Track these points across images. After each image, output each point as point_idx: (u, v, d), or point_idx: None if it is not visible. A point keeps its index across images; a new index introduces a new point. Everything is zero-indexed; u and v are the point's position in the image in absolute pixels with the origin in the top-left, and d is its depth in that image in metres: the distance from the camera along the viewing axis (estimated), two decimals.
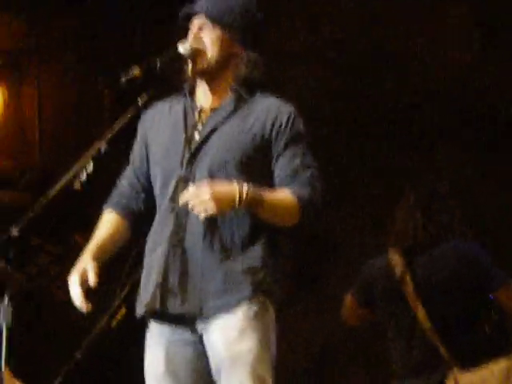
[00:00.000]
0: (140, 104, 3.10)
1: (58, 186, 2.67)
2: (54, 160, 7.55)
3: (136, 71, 3.05)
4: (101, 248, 3.31)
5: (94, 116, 7.56)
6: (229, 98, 3.13)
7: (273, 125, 3.06)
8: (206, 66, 3.09)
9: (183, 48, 3.10)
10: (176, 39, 3.12)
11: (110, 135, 2.91)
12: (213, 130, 3.09)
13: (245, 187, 2.91)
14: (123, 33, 7.31)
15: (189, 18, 3.16)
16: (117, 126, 2.99)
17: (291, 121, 3.07)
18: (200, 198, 2.84)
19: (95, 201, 7.51)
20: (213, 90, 3.15)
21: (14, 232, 2.44)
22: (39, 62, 7.81)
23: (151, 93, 3.08)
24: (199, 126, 3.12)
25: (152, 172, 3.23)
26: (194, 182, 3.04)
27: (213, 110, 3.14)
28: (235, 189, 2.90)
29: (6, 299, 2.39)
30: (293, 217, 3.01)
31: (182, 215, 3.07)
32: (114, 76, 3.23)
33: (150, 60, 3.05)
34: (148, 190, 3.26)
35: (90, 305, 3.08)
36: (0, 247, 2.41)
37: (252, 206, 2.92)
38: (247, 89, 3.12)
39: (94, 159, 2.79)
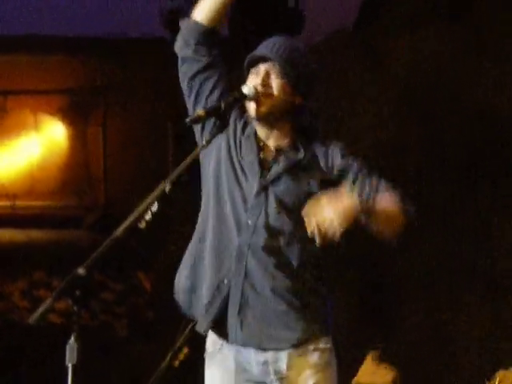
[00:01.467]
0: (204, 143, 3.13)
1: (123, 226, 2.69)
2: (118, 198, 7.64)
3: (200, 112, 3.08)
4: None
5: (158, 155, 7.65)
6: (294, 141, 3.18)
7: (331, 162, 3.13)
8: (270, 110, 3.14)
9: (248, 89, 3.13)
10: (241, 83, 3.15)
11: (174, 176, 2.93)
12: (279, 175, 3.13)
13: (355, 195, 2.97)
14: None
15: (252, 62, 3.20)
16: (182, 166, 3.02)
17: (341, 150, 3.16)
18: (323, 214, 2.84)
19: (158, 240, 7.60)
20: (271, 134, 3.20)
21: (81, 272, 2.46)
22: (104, 102, 7.96)
23: (214, 133, 3.11)
24: (267, 163, 3.16)
25: (217, 185, 3.23)
26: (258, 217, 3.10)
27: (278, 149, 3.19)
28: (351, 199, 2.91)
29: (72, 339, 2.41)
30: (397, 218, 3.00)
31: (244, 245, 3.12)
32: (178, 116, 3.27)
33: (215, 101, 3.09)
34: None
35: None
36: (66, 287, 2.43)
37: (366, 212, 2.92)
38: (306, 135, 3.20)
39: (159, 199, 2.82)
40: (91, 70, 8.22)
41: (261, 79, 3.16)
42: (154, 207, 2.77)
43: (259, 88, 3.16)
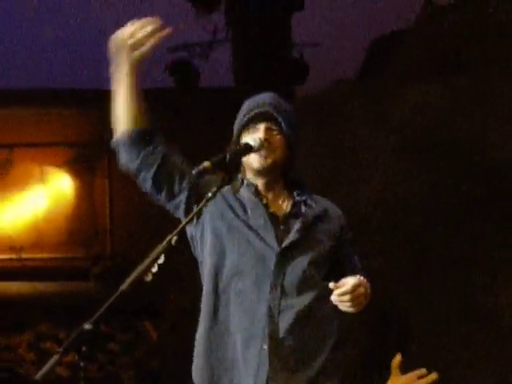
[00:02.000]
0: (209, 197, 3.15)
1: (130, 279, 2.70)
2: (125, 249, 7.66)
3: (206, 164, 3.10)
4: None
5: (164, 207, 7.67)
6: (298, 197, 3.25)
7: (340, 231, 3.23)
8: (274, 164, 3.20)
9: (253, 141, 3.16)
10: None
11: (180, 227, 2.94)
12: (306, 228, 3.18)
13: (366, 283, 3.12)
14: (196, 127, 7.47)
15: (249, 119, 3.26)
16: (188, 219, 3.04)
17: (347, 226, 3.29)
18: (356, 295, 3.02)
19: (164, 290, 7.59)
20: (271, 185, 3.25)
21: (87, 327, 2.46)
22: (110, 154, 8.00)
23: (220, 185, 3.13)
24: (280, 219, 3.20)
25: (216, 258, 3.21)
26: (284, 276, 3.12)
27: (287, 208, 3.23)
28: (367, 285, 3.09)
29: None
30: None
31: (275, 311, 3.13)
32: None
33: (221, 153, 3.11)
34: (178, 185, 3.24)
35: None
36: (73, 343, 2.43)
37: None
38: (300, 189, 3.28)
39: (165, 251, 2.83)
40: (96, 121, 8.29)
41: (264, 135, 3.20)
42: (161, 260, 2.78)
43: (266, 145, 3.19)
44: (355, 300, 3.03)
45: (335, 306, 3.10)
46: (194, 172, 3.11)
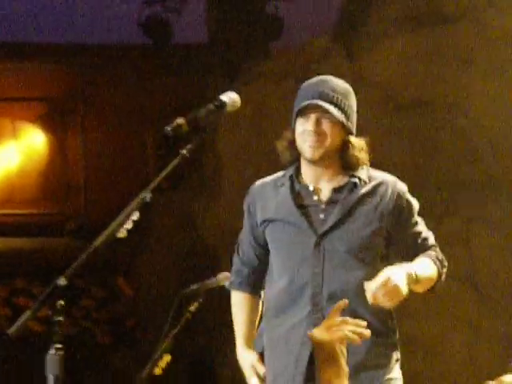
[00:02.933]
0: (184, 153, 3.13)
1: (104, 235, 2.69)
2: (98, 206, 7.64)
3: (180, 120, 3.08)
4: (249, 336, 3.46)
5: (138, 163, 7.65)
6: (348, 180, 3.31)
7: (394, 210, 3.28)
8: (325, 153, 3.27)
9: (227, 97, 3.15)
10: (217, 92, 3.16)
11: (154, 184, 2.93)
12: (347, 213, 3.26)
13: (411, 270, 3.15)
14: (169, 83, 7.42)
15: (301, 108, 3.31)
16: (161, 176, 3.02)
17: (407, 202, 3.32)
18: (388, 288, 3.06)
19: (137, 246, 7.59)
20: (323, 172, 3.33)
21: (62, 281, 2.46)
22: (84, 110, 7.95)
23: (195, 143, 3.11)
24: (322, 206, 3.29)
25: (274, 253, 3.36)
26: (323, 263, 3.22)
27: (335, 190, 3.31)
28: (406, 274, 3.13)
29: (53, 349, 2.40)
30: (433, 281, 3.30)
31: (319, 305, 3.23)
32: (158, 124, 3.27)
33: (195, 110, 3.09)
34: (264, 256, 3.43)
35: None
36: (47, 297, 2.43)
37: (415, 284, 3.17)
38: (358, 169, 3.33)
39: (140, 208, 2.82)
40: (69, 76, 8.21)
41: (313, 127, 3.27)
42: (135, 216, 2.77)
43: (314, 135, 3.25)
44: (387, 295, 3.07)
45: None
46: (168, 128, 3.10)
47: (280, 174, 3.45)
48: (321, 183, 3.34)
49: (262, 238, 3.40)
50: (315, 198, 3.31)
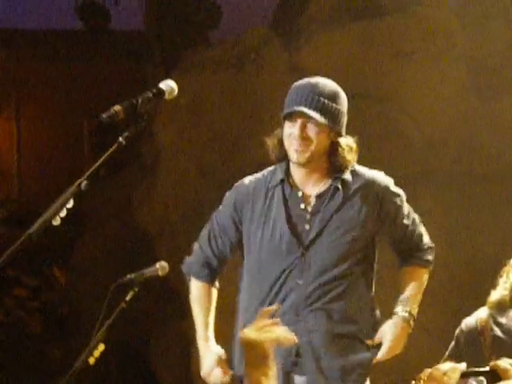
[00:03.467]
0: (121, 141, 3.10)
1: (38, 222, 2.66)
2: (32, 192, 7.55)
3: (117, 108, 3.05)
4: (209, 326, 3.49)
5: (73, 151, 7.58)
6: (331, 184, 3.34)
7: (379, 208, 3.34)
8: (311, 157, 3.29)
9: (165, 85, 3.13)
10: (156, 79, 3.14)
11: (90, 172, 2.90)
12: (326, 224, 3.30)
13: (406, 317, 3.33)
14: (106, 70, 7.35)
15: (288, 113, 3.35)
16: (98, 163, 2.99)
17: (391, 197, 3.38)
18: (395, 346, 3.32)
19: (72, 235, 7.52)
20: (310, 175, 3.35)
21: None
22: (18, 96, 7.84)
23: (132, 130, 3.09)
24: (307, 216, 3.32)
25: (249, 257, 3.40)
26: (308, 275, 3.27)
27: (318, 197, 3.33)
28: (407, 327, 3.34)
29: None
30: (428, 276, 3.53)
31: (300, 316, 3.27)
32: (95, 112, 3.24)
33: (132, 98, 3.06)
34: (234, 252, 3.48)
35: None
36: None
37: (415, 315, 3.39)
38: (344, 170, 3.35)
39: (74, 195, 2.79)
40: (5, 63, 8.09)
41: (298, 132, 3.29)
42: (69, 204, 2.73)
43: (299, 140, 3.27)
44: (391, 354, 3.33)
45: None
46: (104, 116, 3.06)
47: (270, 170, 3.45)
48: (308, 187, 3.37)
49: (241, 236, 3.42)
50: (302, 206, 3.34)
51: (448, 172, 6.39)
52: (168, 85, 3.16)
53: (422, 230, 3.49)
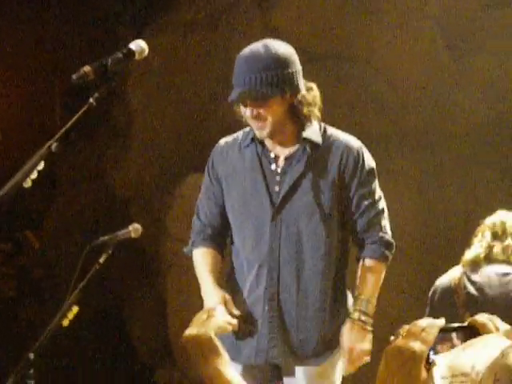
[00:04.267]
0: (91, 102, 3.08)
1: (8, 185, 2.64)
2: (2, 156, 7.49)
3: (87, 68, 3.03)
4: (214, 277, 3.40)
5: (45, 113, 7.52)
6: (300, 146, 3.30)
7: (343, 171, 3.28)
8: (273, 129, 3.24)
9: (135, 45, 3.11)
10: (125, 41, 3.12)
11: (61, 134, 2.88)
12: (293, 184, 3.26)
13: (363, 318, 3.26)
14: (78, 31, 7.28)
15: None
16: (68, 125, 2.97)
17: (357, 163, 3.30)
18: (354, 359, 3.24)
19: (45, 198, 7.49)
20: (280, 140, 3.31)
21: None
22: None
23: (103, 91, 3.06)
24: (277, 178, 3.29)
25: (231, 215, 3.38)
26: (279, 236, 3.24)
27: (287, 158, 3.30)
28: (363, 328, 3.26)
29: None
30: (384, 271, 3.37)
31: (274, 270, 3.26)
32: (65, 73, 3.21)
33: (102, 58, 3.04)
34: (226, 217, 3.42)
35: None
36: None
37: (373, 312, 3.32)
38: (311, 127, 3.30)
39: (45, 157, 2.77)
40: None
41: (251, 114, 3.25)
42: (40, 166, 2.72)
43: (254, 120, 3.24)
44: (358, 362, 3.26)
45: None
46: (74, 77, 3.04)
47: (244, 131, 3.43)
48: (278, 148, 3.34)
49: (223, 197, 3.39)
50: (273, 167, 3.32)
51: (421, 130, 6.41)
52: (138, 45, 3.13)
53: (383, 220, 3.35)
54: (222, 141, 3.47)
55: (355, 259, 3.40)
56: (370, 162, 3.36)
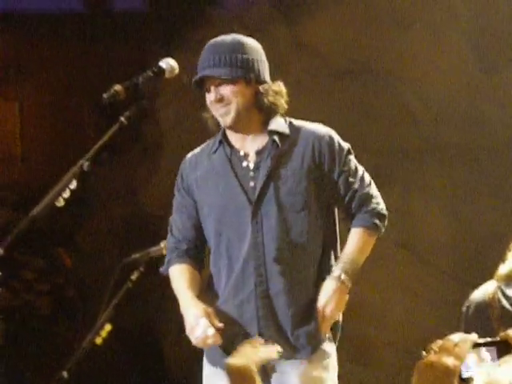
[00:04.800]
0: (122, 120, 3.10)
1: (41, 204, 2.66)
2: (36, 176, 7.54)
3: (118, 87, 3.05)
4: (192, 291, 3.33)
5: (76, 131, 7.57)
6: (269, 139, 3.26)
7: (319, 158, 3.23)
8: (236, 115, 3.21)
9: (165, 63, 3.13)
10: (156, 60, 3.14)
11: (92, 152, 2.90)
12: (268, 177, 3.22)
13: (342, 276, 3.19)
14: (108, 51, 7.33)
15: (199, 82, 3.28)
16: (99, 144, 2.99)
17: (332, 147, 3.25)
18: (328, 319, 3.20)
19: (78, 217, 7.53)
20: (246, 133, 3.27)
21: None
22: (21, 78, 7.82)
23: (133, 110, 3.08)
24: (251, 173, 3.25)
25: (209, 223, 3.32)
26: (262, 231, 3.19)
27: (258, 153, 3.26)
28: (341, 287, 3.19)
29: None
30: (373, 242, 3.29)
31: (261, 266, 3.21)
32: (96, 93, 3.23)
33: (133, 77, 3.06)
34: (200, 230, 3.36)
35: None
36: None
37: (354, 276, 3.23)
38: (277, 119, 3.26)
39: (77, 176, 2.79)
40: (4, 45, 8.07)
41: (213, 97, 3.23)
42: (73, 185, 2.74)
43: (217, 104, 3.21)
44: (329, 320, 3.20)
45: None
46: (105, 96, 3.06)
47: (209, 142, 3.41)
48: (247, 145, 3.29)
49: (196, 209, 3.34)
50: (244, 164, 3.27)
51: (453, 145, 6.37)
52: (168, 63, 3.16)
53: (373, 191, 3.32)
54: (189, 154, 3.45)
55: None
56: (343, 142, 3.32)
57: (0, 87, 7.90)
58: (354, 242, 3.25)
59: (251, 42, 3.30)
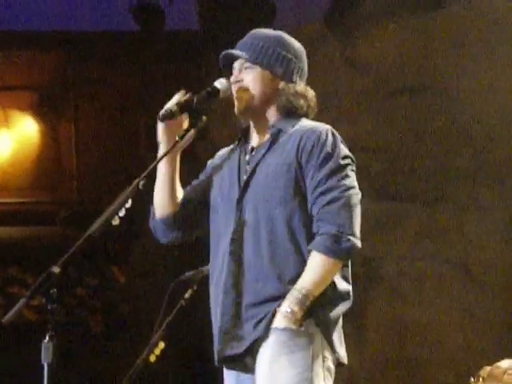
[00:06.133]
0: (177, 139, 3.13)
1: (98, 223, 2.68)
2: (91, 193, 7.62)
3: (173, 107, 3.08)
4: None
5: (130, 151, 7.64)
6: (268, 134, 3.16)
7: (301, 153, 3.05)
8: (249, 104, 3.12)
9: (220, 83, 3.14)
10: (211, 78, 3.15)
11: (148, 171, 2.92)
12: (254, 170, 3.13)
13: (288, 308, 2.95)
14: (163, 71, 7.39)
15: (231, 61, 3.20)
16: (155, 162, 3.01)
17: (316, 144, 3.05)
18: None
19: (132, 234, 7.58)
20: (259, 127, 3.19)
21: (55, 269, 2.45)
22: (75, 98, 7.93)
23: (188, 129, 3.11)
24: (247, 167, 3.17)
25: (210, 212, 3.28)
26: (243, 220, 3.09)
27: (257, 148, 3.18)
28: (286, 321, 2.97)
29: (47, 337, 2.40)
30: (338, 267, 3.01)
31: (237, 254, 3.11)
32: (151, 113, 3.27)
33: (188, 97, 3.08)
34: (196, 208, 3.33)
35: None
36: (41, 285, 2.42)
37: (308, 302, 2.95)
38: (290, 120, 3.14)
39: (133, 196, 2.81)
40: (61, 64, 8.18)
41: (234, 77, 3.16)
42: (128, 204, 2.76)
43: (233, 85, 3.14)
44: None
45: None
46: (160, 114, 3.09)
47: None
48: (255, 138, 3.22)
49: (206, 187, 3.31)
50: (247, 157, 3.20)
51: (508, 164, 6.31)
52: (223, 83, 3.16)
53: (342, 212, 2.98)
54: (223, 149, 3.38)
55: None
56: (331, 145, 3.06)
57: (57, 106, 8.01)
58: (308, 271, 2.99)
59: (293, 42, 3.23)
